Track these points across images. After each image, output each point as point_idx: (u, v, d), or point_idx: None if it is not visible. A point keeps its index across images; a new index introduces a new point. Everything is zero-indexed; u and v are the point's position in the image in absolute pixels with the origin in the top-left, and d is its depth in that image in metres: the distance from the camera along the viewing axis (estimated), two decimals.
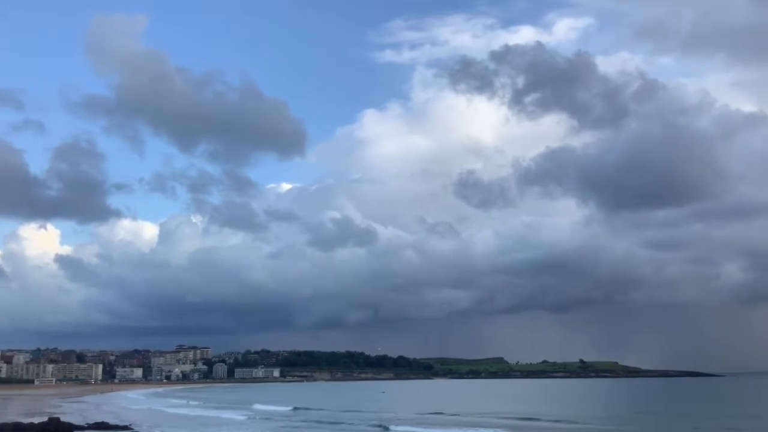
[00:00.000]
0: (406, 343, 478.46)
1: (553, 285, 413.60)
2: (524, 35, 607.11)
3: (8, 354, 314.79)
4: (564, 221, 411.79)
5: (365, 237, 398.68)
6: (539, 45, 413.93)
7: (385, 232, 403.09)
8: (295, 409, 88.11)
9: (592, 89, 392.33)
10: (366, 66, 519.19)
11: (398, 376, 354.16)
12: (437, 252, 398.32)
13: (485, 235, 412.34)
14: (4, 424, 60.30)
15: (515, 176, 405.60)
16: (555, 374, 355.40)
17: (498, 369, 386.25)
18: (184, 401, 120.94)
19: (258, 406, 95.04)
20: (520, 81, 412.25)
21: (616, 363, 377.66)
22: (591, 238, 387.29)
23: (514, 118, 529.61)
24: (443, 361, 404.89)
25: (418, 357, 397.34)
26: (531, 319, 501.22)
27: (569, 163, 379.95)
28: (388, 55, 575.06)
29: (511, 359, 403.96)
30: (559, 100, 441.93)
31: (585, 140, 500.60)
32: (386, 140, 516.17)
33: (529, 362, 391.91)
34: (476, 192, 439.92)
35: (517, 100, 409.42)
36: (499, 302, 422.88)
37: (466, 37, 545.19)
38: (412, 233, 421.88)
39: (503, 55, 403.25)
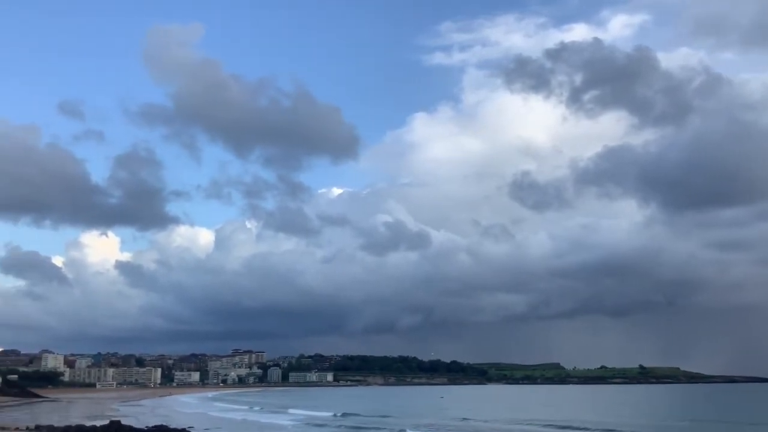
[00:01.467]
0: (460, 348, 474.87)
1: (612, 288, 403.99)
2: (578, 33, 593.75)
3: (71, 358, 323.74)
4: (623, 222, 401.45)
5: (417, 241, 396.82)
6: (597, 41, 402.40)
7: (438, 236, 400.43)
8: (344, 415, 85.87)
9: (654, 85, 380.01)
10: (416, 69, 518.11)
11: (452, 381, 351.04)
12: (491, 255, 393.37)
13: (540, 238, 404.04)
14: (68, 427, 61.36)
15: (572, 177, 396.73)
16: (613, 380, 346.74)
17: (554, 375, 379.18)
18: (238, 405, 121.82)
19: (307, 412, 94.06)
20: (578, 78, 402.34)
21: (678, 368, 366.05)
22: (652, 239, 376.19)
23: (572, 117, 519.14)
24: (497, 366, 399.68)
25: (471, 362, 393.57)
26: (588, 323, 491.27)
27: (629, 162, 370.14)
28: (438, 58, 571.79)
29: (568, 365, 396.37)
30: (618, 97, 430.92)
31: (645, 138, 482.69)
32: (437, 143, 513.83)
33: (586, 368, 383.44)
34: (531, 193, 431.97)
35: (574, 98, 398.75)
36: (555, 306, 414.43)
37: (517, 37, 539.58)
38: (465, 236, 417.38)
39: (559, 53, 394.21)
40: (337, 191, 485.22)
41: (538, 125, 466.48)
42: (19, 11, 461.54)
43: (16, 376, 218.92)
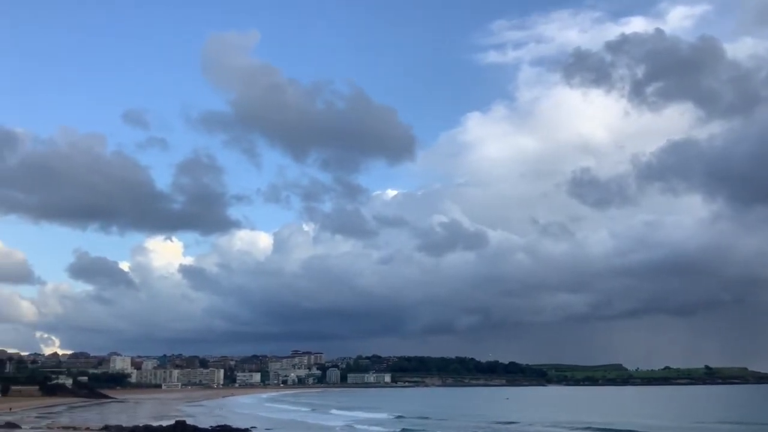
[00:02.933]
0: (518, 349, 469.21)
1: (676, 287, 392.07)
2: (636, 26, 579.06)
3: (138, 360, 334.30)
4: (688, 218, 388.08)
5: (474, 241, 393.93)
6: (659, 32, 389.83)
7: (495, 235, 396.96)
8: (398, 417, 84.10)
9: (720, 76, 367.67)
10: (469, 68, 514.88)
11: (510, 383, 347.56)
12: (550, 254, 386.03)
13: (601, 236, 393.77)
14: (136, 427, 64.03)
15: (634, 172, 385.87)
16: (678, 381, 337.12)
17: (616, 376, 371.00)
18: (298, 406, 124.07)
19: (363, 414, 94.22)
20: (640, 71, 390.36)
21: (746, 369, 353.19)
22: (719, 235, 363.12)
23: (634, 111, 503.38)
24: (557, 367, 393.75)
25: (530, 363, 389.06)
26: (652, 323, 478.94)
27: (694, 157, 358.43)
28: (492, 56, 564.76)
29: (630, 365, 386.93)
30: (683, 89, 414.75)
31: (711, 131, 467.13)
32: (491, 142, 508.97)
33: (649, 369, 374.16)
34: (592, 190, 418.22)
35: (637, 91, 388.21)
36: (617, 306, 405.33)
37: (572, 32, 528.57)
38: (523, 235, 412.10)
39: (620, 45, 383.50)
40: (391, 192, 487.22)
41: (597, 120, 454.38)
42: (84, 26, 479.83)
43: (86, 377, 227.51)
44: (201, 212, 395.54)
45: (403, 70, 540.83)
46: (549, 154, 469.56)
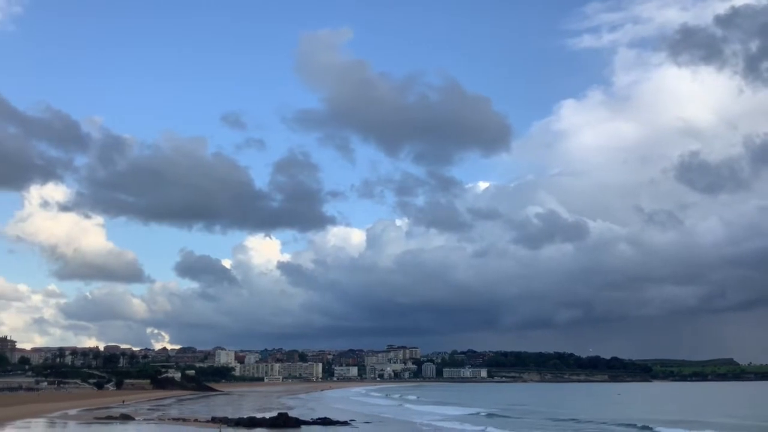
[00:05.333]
0: (621, 344, 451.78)
1: None
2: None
3: (241, 354, 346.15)
4: None
5: (573, 232, 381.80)
6: None
7: (595, 226, 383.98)
8: (489, 416, 79.85)
9: None
10: (562, 54, 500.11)
11: (613, 379, 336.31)
12: (656, 244, 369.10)
13: (712, 223, 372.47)
14: (241, 419, 65.87)
15: (748, 155, 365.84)
16: None
17: (726, 371, 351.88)
18: (396, 401, 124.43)
19: (461, 410, 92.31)
20: (754, 45, 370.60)
21: None
22: None
23: (749, 88, 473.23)
24: (662, 362, 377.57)
25: (634, 358, 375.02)
26: (766, 315, 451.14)
27: None
28: (586, 41, 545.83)
29: (742, 360, 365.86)
30: None
31: None
32: (587, 130, 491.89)
33: (763, 363, 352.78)
34: (701, 175, 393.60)
35: (751, 67, 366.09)
36: (730, 298, 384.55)
37: (672, 11, 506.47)
38: (625, 225, 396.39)
39: (731, 19, 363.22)
40: (483, 185, 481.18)
41: (705, 100, 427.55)
42: (181, 34, 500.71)
43: (193, 371, 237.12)
44: (297, 209, 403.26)
45: (494, 58, 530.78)
46: (651, 139, 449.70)
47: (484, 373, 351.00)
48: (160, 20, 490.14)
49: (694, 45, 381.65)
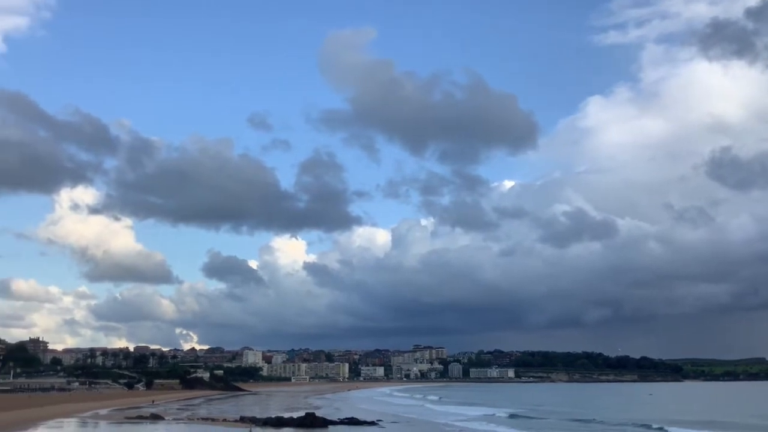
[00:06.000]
0: (651, 343, 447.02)
1: None
2: None
3: (268, 354, 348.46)
4: None
5: (601, 230, 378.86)
6: None
7: (624, 224, 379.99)
8: (512, 416, 78.67)
9: None
10: (588, 51, 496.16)
11: (642, 379, 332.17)
12: (686, 241, 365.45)
13: (744, 220, 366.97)
14: (269, 418, 66.29)
15: None
16: None
17: (759, 370, 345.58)
18: (422, 402, 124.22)
19: (493, 410, 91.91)
20: None
21: None
22: None
23: None
24: (693, 362, 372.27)
25: (664, 358, 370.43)
26: None
27: None
28: (612, 37, 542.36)
29: None
30: None
31: None
32: (614, 127, 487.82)
33: None
34: (732, 171, 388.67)
35: None
36: (762, 295, 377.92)
37: (701, 5, 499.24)
38: (654, 223, 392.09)
39: (762, 11, 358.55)
40: (509, 183, 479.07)
41: (736, 95, 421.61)
42: (205, 40, 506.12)
43: (221, 371, 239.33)
44: (323, 210, 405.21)
45: (520, 55, 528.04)
46: (681, 135, 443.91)
47: (511, 373, 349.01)
48: (185, 23, 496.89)
49: (726, 39, 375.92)
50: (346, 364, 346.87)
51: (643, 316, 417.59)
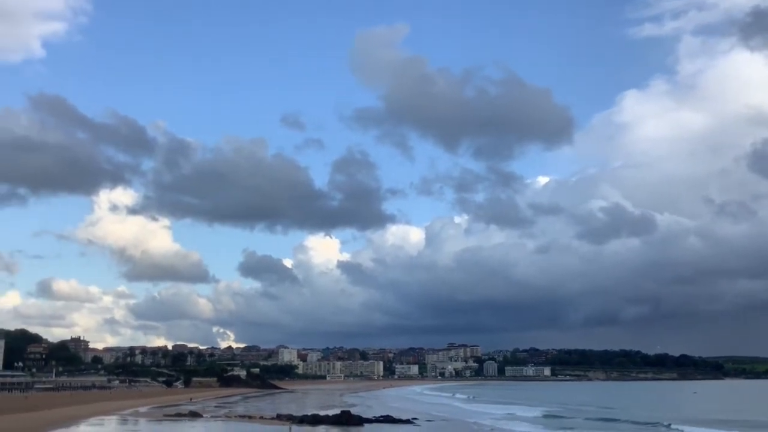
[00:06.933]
0: (690, 340, 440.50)
1: None
2: None
3: (303, 352, 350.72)
4: None
5: (640, 226, 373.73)
6: None
7: (662, 219, 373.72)
8: (546, 416, 76.82)
9: None
10: (623, 44, 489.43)
11: (682, 377, 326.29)
12: (728, 236, 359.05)
13: None
14: (305, 416, 66.65)
15: None
16: None
17: None
18: (458, 402, 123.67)
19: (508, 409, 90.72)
20: None
21: None
22: None
23: None
24: (734, 359, 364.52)
25: (704, 355, 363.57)
26: None
27: None
28: (648, 29, 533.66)
29: None
30: None
31: None
32: (651, 121, 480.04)
33: None
34: None
35: None
36: None
37: None
38: (694, 218, 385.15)
39: None
40: (543, 180, 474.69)
41: None
42: (239, 40, 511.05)
43: (257, 369, 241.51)
44: (357, 208, 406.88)
45: (554, 49, 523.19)
46: (720, 128, 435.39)
47: (547, 371, 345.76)
48: (218, 27, 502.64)
49: (767, 28, 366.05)
50: (381, 363, 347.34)
51: (682, 313, 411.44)
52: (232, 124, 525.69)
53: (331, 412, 68.42)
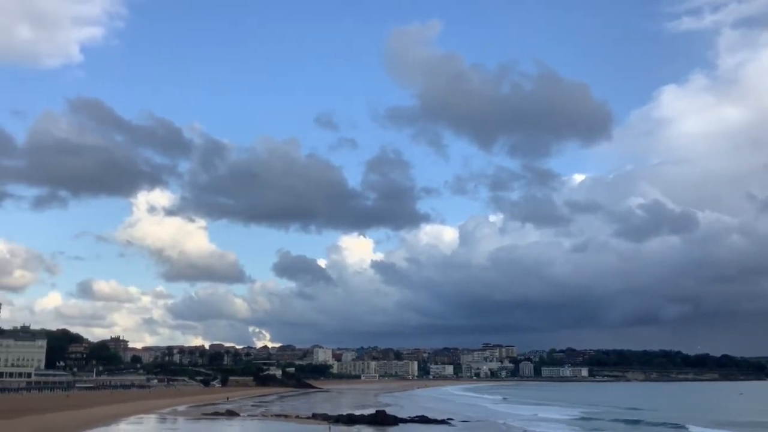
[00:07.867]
0: (733, 340, 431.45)
1: None
2: None
3: (338, 352, 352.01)
4: None
5: (680, 223, 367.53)
6: None
7: (704, 216, 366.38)
8: (583, 419, 75.47)
9: None
10: (661, 38, 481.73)
11: (724, 377, 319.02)
12: None
13: None
14: (340, 415, 66.78)
15: None
16: None
17: None
18: (494, 404, 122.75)
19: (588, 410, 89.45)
20: None
21: None
22: None
23: None
24: None
25: (746, 356, 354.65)
26: None
27: None
28: (686, 23, 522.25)
29: None
30: None
31: None
32: (690, 116, 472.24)
33: None
34: None
35: None
36: None
37: None
38: (737, 215, 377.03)
39: None
40: (579, 177, 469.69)
41: None
42: (272, 41, 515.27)
43: (293, 368, 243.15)
44: (391, 207, 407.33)
45: (590, 43, 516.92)
46: (763, 123, 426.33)
47: (584, 372, 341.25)
48: (251, 29, 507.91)
49: None
50: (415, 363, 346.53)
51: (724, 313, 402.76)
52: (266, 124, 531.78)
53: (366, 412, 68.47)
